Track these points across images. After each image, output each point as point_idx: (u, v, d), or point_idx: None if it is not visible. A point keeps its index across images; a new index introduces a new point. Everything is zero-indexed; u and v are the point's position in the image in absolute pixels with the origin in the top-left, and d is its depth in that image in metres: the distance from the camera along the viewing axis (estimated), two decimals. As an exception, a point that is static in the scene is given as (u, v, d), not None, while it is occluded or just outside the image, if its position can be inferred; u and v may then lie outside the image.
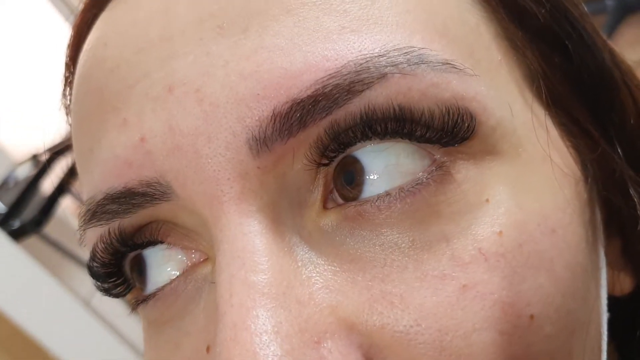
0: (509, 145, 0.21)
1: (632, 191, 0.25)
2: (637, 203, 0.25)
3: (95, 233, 0.24)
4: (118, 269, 0.25)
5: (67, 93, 0.29)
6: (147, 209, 0.22)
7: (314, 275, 0.20)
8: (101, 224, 0.23)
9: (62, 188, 1.55)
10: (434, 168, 0.20)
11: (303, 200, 0.21)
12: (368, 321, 0.20)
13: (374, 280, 0.20)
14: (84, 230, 0.24)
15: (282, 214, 0.21)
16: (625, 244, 0.27)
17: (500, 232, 0.20)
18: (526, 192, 0.21)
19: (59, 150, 1.49)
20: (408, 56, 0.20)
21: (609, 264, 0.26)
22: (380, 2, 0.21)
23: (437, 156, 0.21)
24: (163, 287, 0.24)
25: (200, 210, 0.21)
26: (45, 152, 1.61)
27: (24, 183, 1.62)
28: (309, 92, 0.19)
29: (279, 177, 0.21)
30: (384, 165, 0.21)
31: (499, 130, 0.21)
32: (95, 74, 0.24)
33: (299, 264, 0.20)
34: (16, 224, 1.51)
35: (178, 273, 0.24)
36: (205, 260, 0.23)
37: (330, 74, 0.19)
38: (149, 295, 0.24)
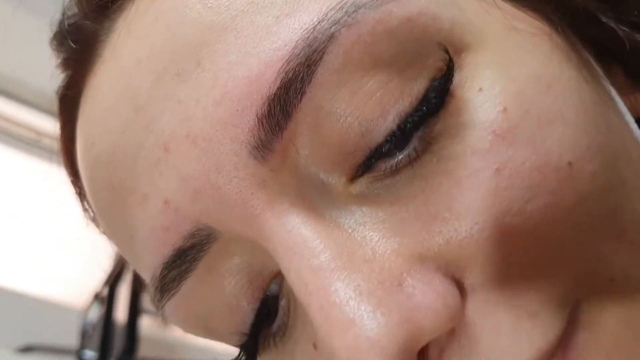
0: (472, 36, 0.22)
1: (603, 19, 0.25)
2: (614, 27, 0.25)
3: (172, 305, 0.25)
4: None
5: (86, 206, 0.31)
6: (203, 260, 0.24)
7: (367, 233, 0.21)
8: (172, 294, 0.25)
9: (136, 310, 1.59)
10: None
11: (325, 178, 0.22)
12: (432, 245, 0.21)
13: (419, 209, 0.21)
14: (162, 308, 0.26)
15: (313, 198, 0.22)
16: (626, 67, 0.28)
17: (505, 108, 0.21)
18: (510, 66, 0.22)
19: (115, 279, 1.52)
20: (344, 9, 0.21)
21: (620, 92, 0.26)
22: None
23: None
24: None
25: (244, 234, 0.22)
26: (103, 286, 1.66)
27: (100, 324, 1.65)
28: (277, 84, 0.21)
29: (293, 169, 0.22)
30: None
31: (457, 28, 0.22)
32: (98, 174, 0.25)
33: (350, 231, 0.21)
34: (112, 362, 1.54)
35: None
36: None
37: (286, 60, 0.21)
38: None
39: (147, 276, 0.26)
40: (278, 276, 0.24)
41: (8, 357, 1.81)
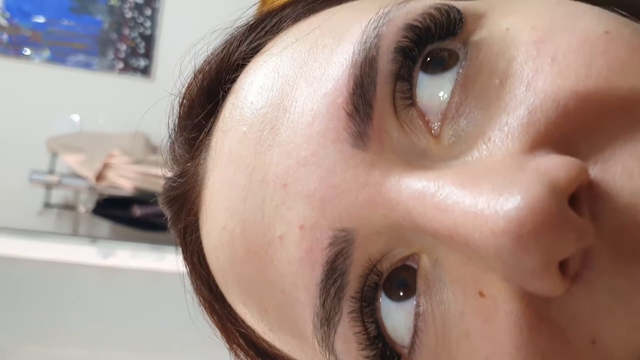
0: (482, 7, 0.27)
1: None
2: None
3: (340, 335, 0.26)
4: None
5: (252, 348, 0.33)
6: (352, 272, 0.25)
7: (475, 158, 0.24)
8: (337, 320, 0.25)
9: None
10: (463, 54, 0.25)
11: (419, 143, 0.25)
12: (536, 135, 0.23)
13: (508, 120, 0.23)
14: (333, 346, 0.26)
15: (418, 161, 0.24)
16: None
17: (533, 26, 0.24)
18: (521, 8, 0.26)
19: None
20: (378, 16, 0.26)
21: None
22: (338, 25, 0.28)
23: (459, 46, 0.25)
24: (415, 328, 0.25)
25: (376, 220, 0.24)
26: None
27: None
28: (351, 84, 0.25)
29: (391, 147, 0.25)
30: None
31: (468, 7, 0.26)
32: (237, 250, 0.28)
33: (461, 165, 0.24)
34: None
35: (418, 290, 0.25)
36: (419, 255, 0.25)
37: (351, 65, 0.25)
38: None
39: (308, 324, 0.26)
40: (413, 260, 0.25)
41: None
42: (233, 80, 0.31)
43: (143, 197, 2.36)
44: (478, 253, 0.21)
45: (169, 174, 0.34)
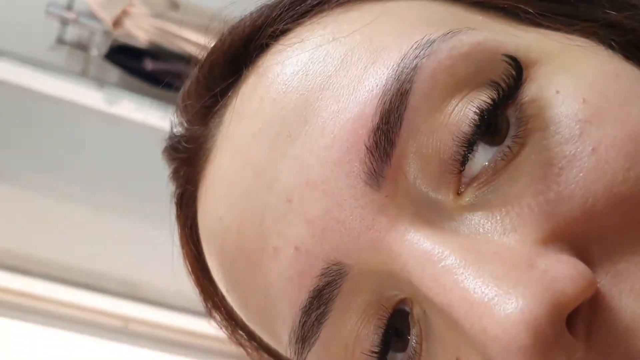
0: (536, 54, 0.25)
1: None
2: None
3: (314, 355, 0.26)
4: None
5: (229, 316, 0.34)
6: (337, 301, 0.25)
7: (488, 233, 0.23)
8: (313, 342, 0.26)
9: None
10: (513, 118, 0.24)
11: (435, 195, 0.24)
12: (553, 228, 0.22)
13: (531, 202, 0.22)
14: (305, 357, 0.26)
15: (429, 215, 0.24)
16: None
17: (584, 99, 0.23)
18: (577, 68, 0.25)
19: None
20: (420, 45, 0.24)
21: None
22: (378, 37, 0.26)
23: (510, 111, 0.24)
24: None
25: (372, 262, 0.24)
26: None
27: None
28: (377, 117, 0.23)
29: (405, 192, 0.24)
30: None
31: (521, 48, 0.25)
32: (229, 244, 0.28)
33: (471, 235, 0.23)
34: None
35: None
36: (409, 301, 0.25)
37: (381, 95, 0.24)
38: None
39: (285, 332, 0.27)
40: (405, 303, 0.25)
41: None
42: (259, 55, 0.29)
43: (157, 52, 2.32)
44: (465, 335, 0.21)
45: (177, 129, 0.33)
